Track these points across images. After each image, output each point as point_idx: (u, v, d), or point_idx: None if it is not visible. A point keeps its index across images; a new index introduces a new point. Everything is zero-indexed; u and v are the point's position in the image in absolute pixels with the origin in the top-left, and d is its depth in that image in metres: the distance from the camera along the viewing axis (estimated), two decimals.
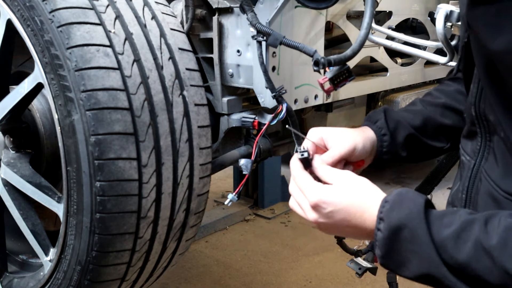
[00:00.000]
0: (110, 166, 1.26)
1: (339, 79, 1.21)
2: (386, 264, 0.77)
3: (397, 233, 0.73)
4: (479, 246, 0.67)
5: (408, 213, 0.73)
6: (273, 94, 1.45)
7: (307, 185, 0.84)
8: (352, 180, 0.82)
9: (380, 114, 1.07)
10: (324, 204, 0.80)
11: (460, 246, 0.68)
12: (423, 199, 0.74)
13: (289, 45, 1.38)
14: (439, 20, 1.24)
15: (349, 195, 0.80)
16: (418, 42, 1.66)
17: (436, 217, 0.72)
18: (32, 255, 1.78)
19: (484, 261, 0.66)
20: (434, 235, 0.70)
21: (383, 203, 0.76)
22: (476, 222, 0.69)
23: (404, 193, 0.77)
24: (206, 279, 2.85)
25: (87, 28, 1.28)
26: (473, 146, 0.81)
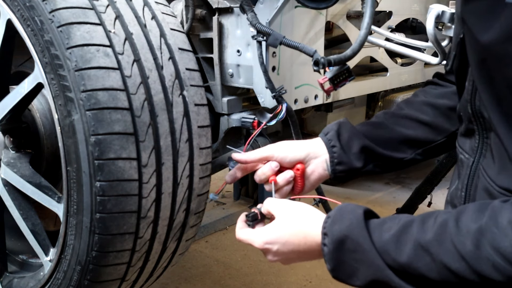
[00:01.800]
0: (110, 166, 1.26)
1: (339, 79, 1.21)
2: (337, 277, 0.81)
3: (342, 245, 0.77)
4: (418, 245, 0.70)
5: (348, 225, 0.77)
6: (273, 94, 1.45)
7: (250, 237, 0.91)
8: (288, 210, 0.88)
9: (333, 126, 1.09)
10: (269, 245, 0.86)
11: (400, 248, 0.71)
12: (362, 209, 0.79)
13: (289, 45, 1.38)
14: (429, 21, 1.24)
15: (288, 226, 0.86)
16: (414, 43, 1.65)
17: (377, 225, 0.76)
18: (32, 255, 1.78)
19: (424, 259, 0.69)
20: (376, 241, 0.74)
21: (326, 219, 0.81)
22: (413, 223, 0.72)
23: (344, 206, 0.81)
24: (206, 279, 2.85)
25: (87, 28, 1.28)
26: (471, 144, 0.82)
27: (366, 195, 4.17)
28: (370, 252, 0.73)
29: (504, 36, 0.64)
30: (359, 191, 4.25)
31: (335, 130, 1.08)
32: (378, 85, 2.09)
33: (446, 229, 0.68)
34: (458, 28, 0.79)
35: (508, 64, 0.65)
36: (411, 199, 2.06)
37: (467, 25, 0.72)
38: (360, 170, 1.08)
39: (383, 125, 1.10)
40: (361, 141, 1.06)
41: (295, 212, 0.87)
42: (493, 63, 0.68)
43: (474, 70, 0.74)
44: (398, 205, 2.10)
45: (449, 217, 0.69)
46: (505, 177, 0.72)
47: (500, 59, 0.66)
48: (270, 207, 0.92)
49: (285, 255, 0.87)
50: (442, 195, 4.00)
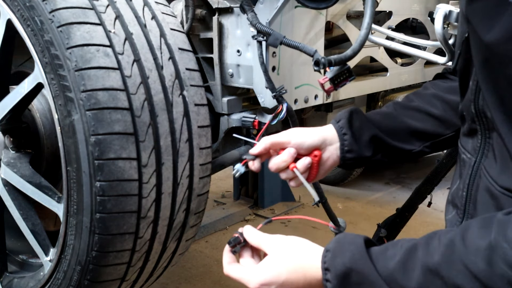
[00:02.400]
0: (110, 166, 1.26)
1: (339, 79, 1.21)
2: None
3: (346, 279, 0.74)
4: (426, 269, 0.67)
5: (351, 256, 0.74)
6: (273, 94, 1.45)
7: (242, 276, 0.85)
8: (282, 246, 0.83)
9: (345, 113, 1.07)
10: (266, 285, 0.81)
11: (408, 275, 0.69)
12: (362, 239, 0.75)
13: (290, 45, 1.38)
14: (437, 20, 1.24)
15: (285, 264, 0.81)
16: (417, 42, 1.66)
17: (379, 253, 0.73)
18: (32, 255, 1.78)
19: (435, 282, 0.66)
20: (381, 270, 0.71)
21: (325, 253, 0.77)
22: (418, 247, 0.70)
23: (342, 238, 0.78)
24: (206, 279, 2.85)
25: (87, 28, 1.28)
26: (474, 143, 0.81)
27: (366, 195, 4.17)
28: (377, 283, 0.71)
29: (506, 36, 0.64)
30: (359, 191, 4.25)
31: (347, 118, 1.06)
32: (378, 85, 2.09)
33: (454, 248, 0.66)
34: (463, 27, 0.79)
35: (510, 64, 0.65)
36: (411, 199, 2.06)
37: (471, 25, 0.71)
38: (369, 159, 1.07)
39: (392, 116, 1.09)
40: (372, 130, 1.06)
41: (290, 247, 0.83)
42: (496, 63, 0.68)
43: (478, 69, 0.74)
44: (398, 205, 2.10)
45: (455, 236, 0.67)
46: (507, 177, 0.72)
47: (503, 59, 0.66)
48: (261, 242, 0.87)
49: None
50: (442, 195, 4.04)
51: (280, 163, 0.99)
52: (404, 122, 1.08)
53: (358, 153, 1.05)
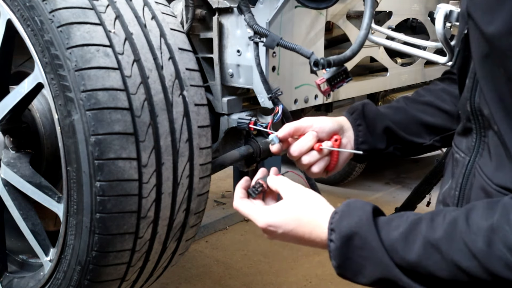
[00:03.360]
0: (110, 166, 1.26)
1: (336, 80, 1.21)
2: (342, 274, 0.78)
3: (349, 241, 0.75)
4: (427, 243, 0.69)
5: (357, 221, 0.75)
6: (269, 95, 1.45)
7: (251, 213, 0.87)
8: (299, 196, 0.85)
9: (358, 106, 1.09)
10: (272, 227, 0.84)
11: (409, 246, 0.70)
12: (370, 206, 0.77)
13: (286, 46, 1.39)
14: (438, 20, 1.24)
15: (296, 214, 0.83)
16: (418, 42, 1.66)
17: (385, 222, 0.75)
18: (32, 255, 1.78)
19: (434, 257, 0.68)
20: (384, 239, 0.72)
21: (333, 214, 0.79)
22: (422, 221, 0.71)
23: (353, 202, 0.79)
24: (206, 279, 2.85)
25: (87, 28, 1.28)
26: (468, 143, 0.82)
27: (366, 195, 4.16)
28: (378, 250, 0.72)
29: (508, 28, 0.64)
30: (359, 191, 4.25)
31: (361, 109, 1.08)
32: (378, 85, 2.09)
33: (456, 226, 0.67)
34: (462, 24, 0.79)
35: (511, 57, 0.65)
36: (410, 198, 2.06)
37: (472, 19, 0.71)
38: (382, 151, 1.08)
39: (403, 110, 1.10)
40: (385, 122, 1.07)
41: (305, 200, 0.84)
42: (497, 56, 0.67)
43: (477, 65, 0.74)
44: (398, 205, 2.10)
45: (459, 215, 0.68)
46: (503, 175, 0.72)
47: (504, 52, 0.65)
48: (280, 186, 0.88)
49: (286, 240, 0.85)
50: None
51: (305, 144, 1.00)
52: (415, 115, 1.09)
53: (372, 145, 1.07)
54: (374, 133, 1.07)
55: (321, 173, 1.03)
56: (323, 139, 1.01)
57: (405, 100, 1.13)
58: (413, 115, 1.09)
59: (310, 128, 1.01)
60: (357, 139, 1.06)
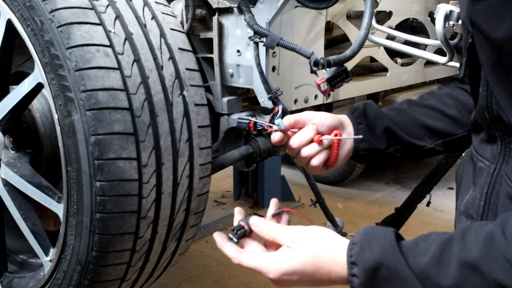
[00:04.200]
0: (110, 166, 1.26)
1: (336, 80, 1.21)
2: None
3: (375, 274, 0.68)
4: (464, 265, 0.63)
5: (381, 250, 0.68)
6: (269, 95, 1.45)
7: (261, 263, 0.77)
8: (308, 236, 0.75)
9: (360, 105, 1.09)
10: (287, 276, 0.74)
11: (443, 271, 0.64)
12: (392, 232, 0.71)
13: (286, 46, 1.39)
14: (438, 20, 1.24)
15: (312, 256, 0.74)
16: (419, 41, 1.66)
17: (410, 247, 0.68)
18: (32, 255, 1.78)
19: (473, 279, 0.62)
20: (413, 266, 0.66)
21: (351, 245, 0.72)
22: (453, 241, 0.65)
23: (370, 230, 0.72)
24: (206, 279, 2.85)
25: (87, 28, 1.28)
26: (493, 150, 0.79)
27: (366, 195, 4.17)
28: (409, 279, 0.65)
29: None
30: (359, 191, 4.25)
31: (362, 109, 1.08)
32: (378, 85, 2.09)
33: (494, 242, 0.61)
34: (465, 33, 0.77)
35: None
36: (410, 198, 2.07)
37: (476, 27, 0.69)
38: (382, 151, 1.07)
39: (406, 112, 1.10)
40: (385, 122, 1.07)
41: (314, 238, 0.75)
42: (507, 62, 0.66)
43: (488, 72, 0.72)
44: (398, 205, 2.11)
45: (494, 230, 0.63)
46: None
47: None
48: (277, 234, 0.78)
49: (306, 284, 0.76)
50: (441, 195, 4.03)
51: (304, 135, 0.99)
52: (417, 118, 1.09)
53: (372, 144, 1.06)
54: (374, 133, 1.06)
55: (320, 167, 1.02)
56: (323, 133, 1.01)
57: (408, 103, 1.13)
58: (415, 117, 1.09)
59: (310, 121, 1.01)
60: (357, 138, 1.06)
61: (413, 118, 1.09)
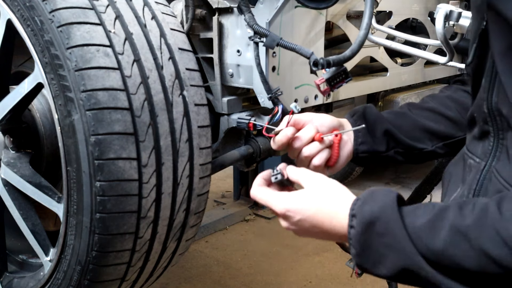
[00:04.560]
0: (110, 166, 1.26)
1: (336, 80, 1.21)
2: (362, 265, 0.75)
3: (371, 227, 0.71)
4: (455, 230, 0.65)
5: (381, 206, 0.72)
6: (269, 95, 1.45)
7: (271, 198, 0.84)
8: (320, 184, 0.82)
9: (359, 108, 1.10)
10: (291, 212, 0.80)
11: (435, 234, 0.67)
12: (395, 194, 0.73)
13: (286, 46, 1.39)
14: (438, 20, 1.24)
15: (316, 202, 0.79)
16: (419, 41, 1.66)
17: (410, 210, 0.71)
18: (32, 255, 1.78)
19: (462, 245, 0.64)
20: (408, 226, 0.69)
21: (355, 201, 0.76)
22: (450, 208, 0.68)
23: (376, 189, 0.76)
24: (206, 279, 2.85)
25: (87, 28, 1.28)
26: (485, 147, 0.80)
27: None
28: (401, 237, 0.68)
29: None
30: (359, 191, 4.25)
31: (361, 112, 1.09)
32: (378, 85, 2.09)
33: (487, 214, 0.64)
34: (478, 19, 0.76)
35: None
36: (411, 198, 2.06)
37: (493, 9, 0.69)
38: (382, 154, 1.08)
39: (406, 115, 1.11)
40: (385, 125, 1.07)
41: (328, 188, 0.81)
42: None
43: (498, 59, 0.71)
44: None
45: (490, 203, 0.65)
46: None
47: None
48: (302, 176, 0.85)
49: (304, 228, 0.81)
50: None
51: (305, 134, 1.01)
52: (417, 121, 1.09)
53: (371, 145, 1.07)
54: (374, 135, 1.07)
55: (322, 167, 1.02)
56: (323, 133, 1.02)
57: (408, 106, 1.14)
58: (415, 120, 1.09)
59: (310, 122, 1.02)
60: (356, 139, 1.07)
61: (413, 120, 1.09)
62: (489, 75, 0.75)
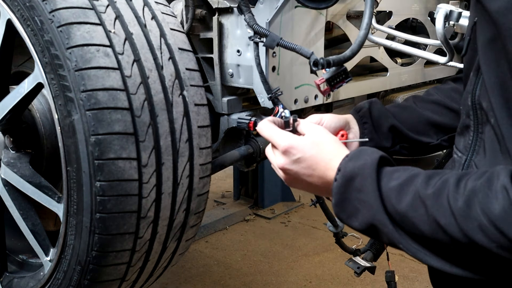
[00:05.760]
0: (110, 166, 1.26)
1: (336, 80, 1.21)
2: (338, 213, 0.80)
3: (350, 182, 0.77)
4: (417, 197, 0.70)
5: (362, 164, 0.76)
6: (269, 95, 1.45)
7: (276, 134, 0.88)
8: (323, 134, 0.87)
9: (365, 104, 1.11)
10: (293, 149, 0.85)
11: (401, 196, 0.72)
12: (379, 154, 0.78)
13: (286, 46, 1.39)
14: (438, 20, 1.24)
15: (318, 146, 0.84)
16: (419, 40, 1.66)
17: (388, 172, 0.76)
18: (32, 255, 1.78)
19: (419, 210, 0.69)
20: (382, 186, 0.74)
21: (345, 157, 0.81)
22: (420, 176, 0.72)
23: (365, 148, 0.81)
24: (206, 279, 2.85)
25: (87, 28, 1.28)
26: (465, 141, 0.82)
27: None
28: (374, 195, 0.74)
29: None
30: None
31: (367, 108, 1.10)
32: (378, 85, 2.09)
33: (446, 185, 0.68)
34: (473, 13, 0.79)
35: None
36: None
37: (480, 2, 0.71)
38: (388, 150, 1.09)
39: (411, 109, 1.12)
40: (390, 120, 1.08)
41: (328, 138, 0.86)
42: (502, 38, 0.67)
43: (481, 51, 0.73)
44: None
45: (453, 175, 0.69)
46: None
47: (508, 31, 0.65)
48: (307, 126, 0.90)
49: (300, 169, 0.85)
50: None
51: None
52: (422, 114, 1.10)
53: (378, 142, 1.08)
54: (380, 131, 1.08)
55: None
56: None
57: (413, 99, 1.14)
58: (420, 114, 1.10)
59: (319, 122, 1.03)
60: (362, 137, 1.08)
61: (418, 114, 1.10)
62: (476, 68, 0.77)
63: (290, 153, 0.85)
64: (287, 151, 0.85)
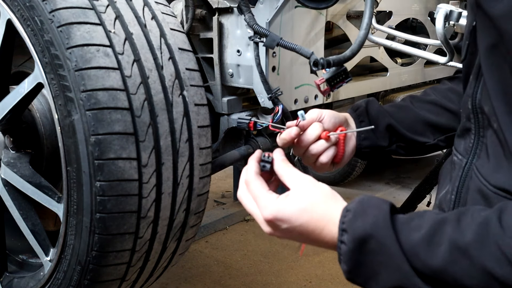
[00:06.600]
0: (110, 166, 1.26)
1: (336, 80, 1.21)
2: (353, 280, 0.70)
3: (363, 245, 0.67)
4: (455, 247, 0.61)
5: (373, 222, 0.67)
6: (269, 95, 1.46)
7: (261, 197, 0.77)
8: (310, 192, 0.74)
9: (362, 103, 1.10)
10: (279, 221, 0.74)
11: (433, 251, 0.62)
12: (387, 205, 0.69)
13: (286, 46, 1.39)
14: (439, 20, 1.25)
15: (307, 212, 0.73)
16: (419, 40, 1.66)
17: (404, 222, 0.67)
18: (32, 255, 1.78)
19: (462, 263, 0.60)
20: (403, 242, 0.64)
21: (344, 212, 0.70)
22: (447, 222, 0.64)
23: (367, 199, 0.71)
24: (206, 279, 2.85)
25: (87, 28, 1.28)
26: (466, 144, 0.80)
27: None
28: (397, 256, 0.64)
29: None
30: (359, 191, 4.24)
31: (364, 107, 1.09)
32: (378, 85, 2.09)
33: (489, 229, 0.60)
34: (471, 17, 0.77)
35: None
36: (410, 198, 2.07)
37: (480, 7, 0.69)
38: (384, 149, 1.09)
39: (408, 108, 1.11)
40: (387, 119, 1.08)
41: (317, 195, 0.74)
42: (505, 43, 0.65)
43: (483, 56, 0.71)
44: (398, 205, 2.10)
45: (490, 216, 0.61)
46: (500, 176, 0.70)
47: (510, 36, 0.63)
48: (287, 174, 0.79)
49: (291, 237, 0.75)
50: None
51: (312, 132, 1.01)
52: (419, 114, 1.10)
53: (374, 141, 1.08)
54: (377, 130, 1.07)
55: (328, 164, 1.03)
56: (329, 130, 1.03)
57: (411, 99, 1.14)
58: (417, 113, 1.10)
59: (316, 119, 1.03)
60: (359, 135, 1.08)
61: (415, 114, 1.10)
62: (476, 72, 0.75)
63: (275, 224, 0.74)
64: (272, 222, 0.74)
